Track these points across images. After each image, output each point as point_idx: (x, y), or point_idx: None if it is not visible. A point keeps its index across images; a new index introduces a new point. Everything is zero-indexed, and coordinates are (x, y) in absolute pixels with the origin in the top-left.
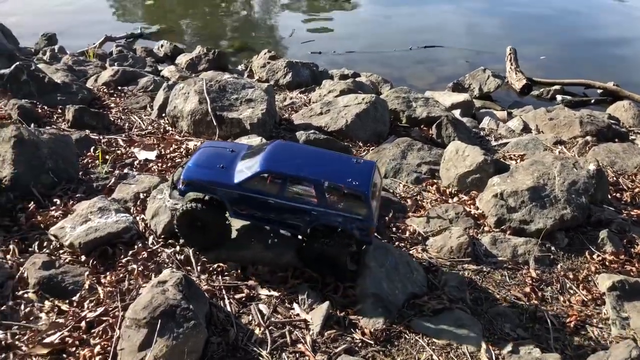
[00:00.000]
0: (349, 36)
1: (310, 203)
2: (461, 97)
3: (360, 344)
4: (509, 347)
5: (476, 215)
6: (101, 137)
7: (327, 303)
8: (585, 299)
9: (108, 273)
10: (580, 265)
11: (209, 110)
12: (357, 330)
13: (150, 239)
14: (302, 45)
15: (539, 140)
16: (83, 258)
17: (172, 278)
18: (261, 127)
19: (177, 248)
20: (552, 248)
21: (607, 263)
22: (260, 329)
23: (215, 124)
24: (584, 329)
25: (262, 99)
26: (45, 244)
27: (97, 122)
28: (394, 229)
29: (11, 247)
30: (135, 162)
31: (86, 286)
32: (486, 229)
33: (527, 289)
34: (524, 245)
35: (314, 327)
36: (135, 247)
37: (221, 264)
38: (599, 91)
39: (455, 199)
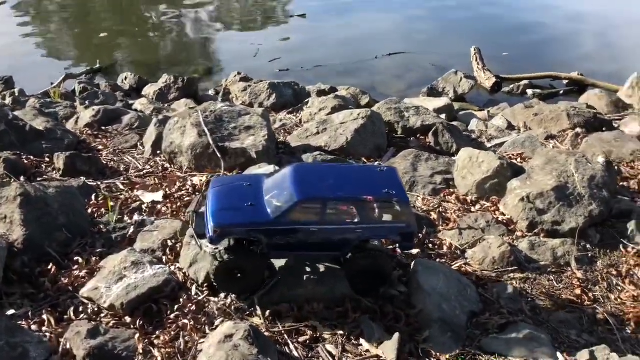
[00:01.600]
0: (310, 51)
1: (353, 222)
2: (441, 101)
3: None
4: (585, 355)
5: (505, 221)
6: (99, 183)
7: (397, 335)
8: (635, 294)
9: (158, 332)
10: (619, 259)
11: (210, 142)
12: (432, 358)
13: (193, 289)
14: (269, 63)
15: (534, 137)
16: (128, 319)
17: (239, 330)
18: (266, 154)
19: (223, 296)
20: (588, 246)
21: None
22: None
23: (219, 155)
24: None
25: (261, 125)
26: (81, 309)
27: (90, 168)
28: (429, 245)
29: (45, 317)
30: (143, 206)
31: (140, 350)
32: (519, 234)
33: (578, 291)
34: (562, 246)
35: None
36: (181, 300)
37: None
38: (565, 82)
39: (477, 206)
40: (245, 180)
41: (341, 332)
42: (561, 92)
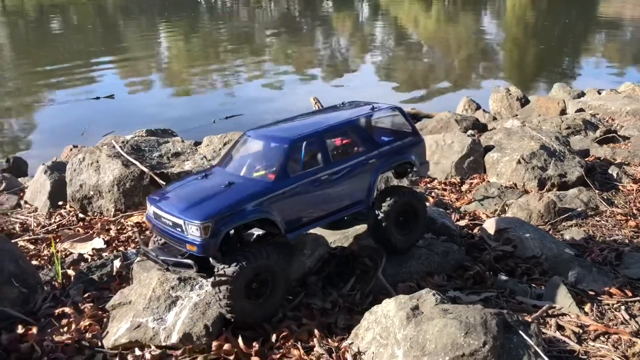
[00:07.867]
0: (145, 124)
1: (361, 153)
2: None
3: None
4: None
5: (510, 186)
6: None
7: (557, 279)
8: None
9: (278, 352)
10: (627, 197)
11: (144, 169)
12: (602, 295)
13: None
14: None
15: None
16: (225, 346)
17: (424, 297)
18: None
19: (320, 300)
20: (597, 191)
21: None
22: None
23: (161, 183)
24: None
25: (191, 149)
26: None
27: None
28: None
29: None
30: (86, 256)
31: None
32: (531, 193)
33: (632, 223)
34: (581, 194)
35: (567, 307)
36: None
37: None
38: None
39: (466, 185)
40: (194, 176)
41: (491, 293)
42: None
